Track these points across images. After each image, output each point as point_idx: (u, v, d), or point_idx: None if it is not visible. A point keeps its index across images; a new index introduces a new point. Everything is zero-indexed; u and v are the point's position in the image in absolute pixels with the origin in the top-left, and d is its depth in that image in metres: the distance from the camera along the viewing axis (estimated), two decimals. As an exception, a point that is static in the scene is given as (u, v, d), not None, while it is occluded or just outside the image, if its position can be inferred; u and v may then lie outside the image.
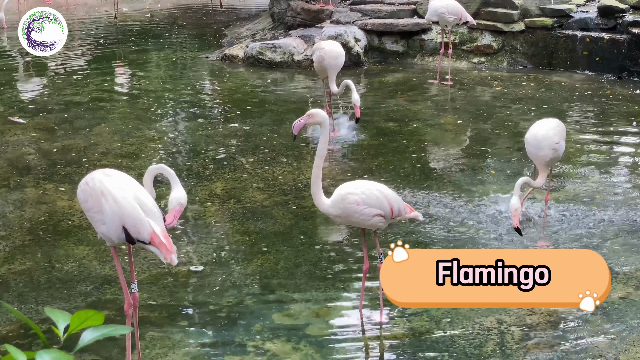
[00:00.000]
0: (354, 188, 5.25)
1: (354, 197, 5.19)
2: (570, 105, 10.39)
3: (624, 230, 6.68)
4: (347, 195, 5.20)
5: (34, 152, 8.73)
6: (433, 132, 9.43)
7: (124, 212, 4.45)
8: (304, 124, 5.33)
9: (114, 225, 4.47)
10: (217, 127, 9.59)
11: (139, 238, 4.47)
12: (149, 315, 5.43)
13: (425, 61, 12.65)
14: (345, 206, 5.19)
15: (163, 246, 4.47)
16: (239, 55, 12.98)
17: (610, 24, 11.70)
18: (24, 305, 5.60)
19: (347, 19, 12.96)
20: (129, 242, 4.53)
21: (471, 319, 5.35)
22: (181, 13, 18.47)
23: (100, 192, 4.52)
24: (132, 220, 4.45)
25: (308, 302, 5.65)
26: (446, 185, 7.72)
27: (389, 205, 5.25)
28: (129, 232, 4.46)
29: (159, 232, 4.49)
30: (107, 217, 4.48)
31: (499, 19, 12.35)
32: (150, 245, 4.48)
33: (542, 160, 6.50)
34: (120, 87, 11.86)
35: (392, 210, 5.26)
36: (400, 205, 5.33)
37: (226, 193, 7.55)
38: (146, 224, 4.47)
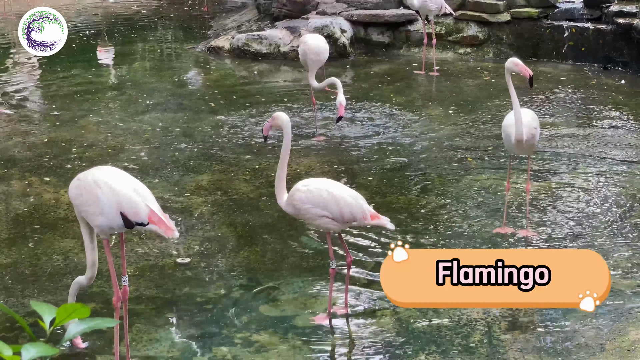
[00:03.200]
0: (303, 186, 5.14)
1: (299, 195, 5.11)
2: (556, 95, 10.41)
3: (610, 220, 6.70)
4: (295, 192, 5.14)
5: (20, 144, 8.68)
6: (420, 123, 9.43)
7: (120, 197, 4.49)
8: (270, 126, 5.37)
9: (112, 212, 4.48)
10: (203, 119, 9.56)
11: (137, 221, 4.49)
12: (136, 308, 5.42)
13: (411, 52, 12.65)
14: (293, 203, 5.14)
15: (162, 223, 4.49)
16: (225, 46, 12.95)
17: (596, 14, 11.73)
18: (9, 298, 5.58)
19: (333, 10, 12.94)
20: (127, 227, 4.53)
21: (461, 313, 5.36)
22: (167, 4, 18.39)
23: (94, 183, 4.55)
24: (128, 203, 4.48)
25: (295, 293, 5.66)
26: (431, 179, 7.73)
27: (338, 208, 5.07)
28: (127, 215, 4.47)
29: (157, 210, 4.52)
30: (105, 205, 4.49)
31: (485, 9, 12.36)
32: (150, 225, 4.49)
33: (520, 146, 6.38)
34: (105, 79, 11.80)
35: (342, 214, 5.11)
36: (354, 210, 5.07)
37: (212, 185, 7.54)
38: (142, 205, 4.50)
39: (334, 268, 5.28)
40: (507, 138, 6.35)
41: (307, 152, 8.39)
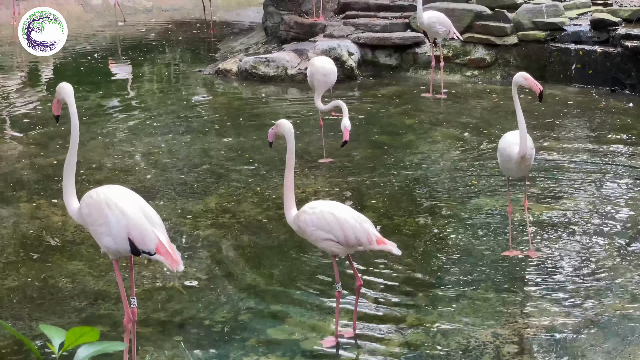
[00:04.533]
0: (310, 208, 5.13)
1: (305, 217, 5.09)
2: (564, 118, 10.41)
3: (618, 244, 6.67)
4: (301, 213, 5.13)
5: (28, 166, 8.70)
6: (426, 145, 9.43)
7: (130, 222, 4.46)
8: (274, 132, 5.37)
9: (120, 236, 4.47)
10: (211, 142, 9.58)
11: (144, 249, 4.47)
12: (143, 330, 5.40)
13: (418, 74, 12.68)
14: (299, 224, 5.15)
15: (169, 255, 4.48)
16: (233, 69, 12.99)
17: (603, 37, 11.73)
18: (17, 321, 5.56)
19: (341, 33, 12.98)
20: (133, 254, 4.51)
21: (466, 333, 5.34)
22: (175, 27, 18.49)
23: (105, 204, 4.52)
24: (138, 230, 4.45)
25: (303, 316, 5.63)
26: (439, 202, 7.72)
27: (343, 231, 5.03)
28: (135, 242, 4.45)
29: (165, 242, 4.50)
30: (113, 228, 4.47)
31: (492, 32, 12.38)
32: (156, 255, 4.48)
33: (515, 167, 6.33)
34: (114, 102, 11.84)
35: (346, 238, 5.05)
36: (359, 234, 5.02)
37: (220, 207, 7.54)
38: (152, 234, 4.47)
39: (340, 291, 5.26)
40: (506, 159, 6.31)
41: (314, 174, 8.39)
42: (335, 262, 5.25)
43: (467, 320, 5.49)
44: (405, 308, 5.71)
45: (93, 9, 19.96)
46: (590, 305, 5.66)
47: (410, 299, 5.84)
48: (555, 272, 6.19)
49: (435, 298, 5.84)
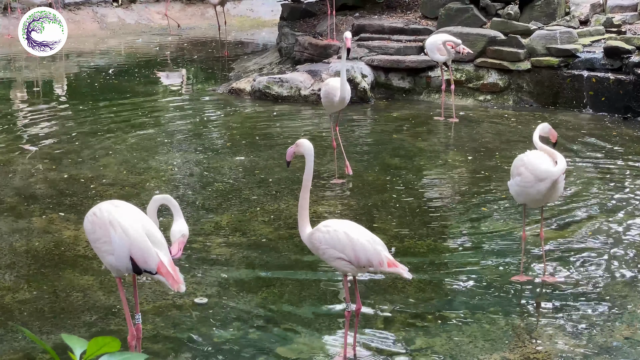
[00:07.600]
0: (324, 226, 5.14)
1: (318, 235, 5.12)
2: (577, 144, 10.40)
3: (629, 269, 6.67)
4: (315, 231, 5.15)
5: (41, 181, 8.76)
6: (438, 168, 9.45)
7: (132, 242, 4.48)
8: (293, 152, 5.40)
9: (123, 255, 4.49)
10: (224, 160, 9.62)
11: (146, 268, 4.49)
12: (153, 347, 5.41)
13: (431, 98, 12.71)
14: (312, 242, 5.17)
15: (170, 276, 4.49)
16: (246, 88, 13.06)
17: (616, 64, 11.75)
18: (28, 334, 5.58)
19: (355, 55, 13.03)
20: (135, 273, 4.54)
21: (475, 355, 5.34)
22: (190, 46, 18.60)
23: (109, 222, 4.54)
24: (140, 250, 4.48)
25: (312, 336, 5.64)
26: (450, 225, 7.73)
27: (354, 252, 5.01)
28: (137, 262, 4.48)
29: (166, 262, 4.52)
30: (116, 247, 4.50)
31: (505, 57, 12.42)
32: (157, 275, 4.51)
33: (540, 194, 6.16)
34: (127, 118, 11.91)
35: (358, 258, 5.02)
36: (371, 256, 5.00)
37: (231, 226, 7.56)
38: (154, 254, 4.50)
39: (350, 311, 5.26)
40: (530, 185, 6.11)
41: (327, 194, 8.41)
42: (347, 282, 5.25)
43: (476, 344, 5.49)
44: (414, 330, 5.71)
45: (108, 27, 20.11)
46: (599, 331, 5.66)
47: (419, 321, 5.84)
48: (565, 298, 6.18)
49: (445, 321, 5.84)
